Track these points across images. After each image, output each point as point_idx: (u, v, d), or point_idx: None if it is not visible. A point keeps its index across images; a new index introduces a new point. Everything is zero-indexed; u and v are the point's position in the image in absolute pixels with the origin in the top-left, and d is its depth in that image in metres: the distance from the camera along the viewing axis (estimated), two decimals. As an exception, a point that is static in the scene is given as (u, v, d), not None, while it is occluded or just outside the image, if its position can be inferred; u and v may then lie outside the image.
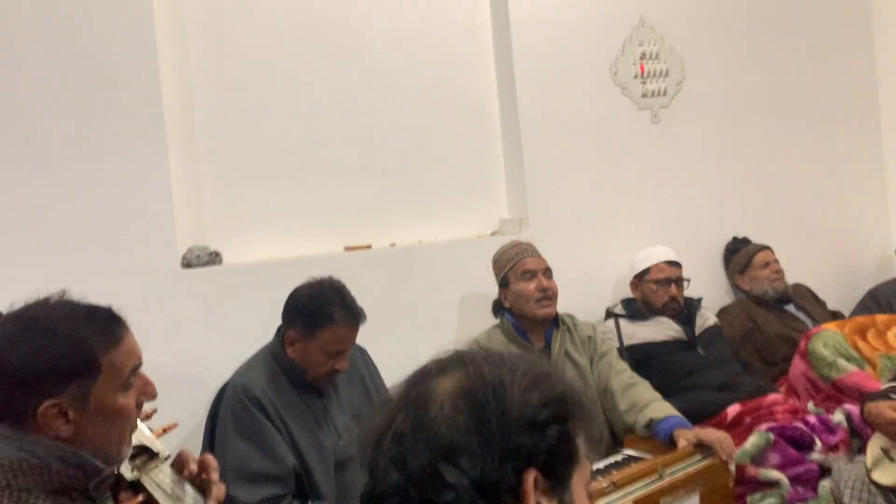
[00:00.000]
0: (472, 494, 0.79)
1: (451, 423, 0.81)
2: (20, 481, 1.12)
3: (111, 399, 1.19)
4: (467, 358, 0.88)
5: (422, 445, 0.81)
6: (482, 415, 0.81)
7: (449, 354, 0.91)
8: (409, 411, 0.84)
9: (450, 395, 0.83)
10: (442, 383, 0.85)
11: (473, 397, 0.83)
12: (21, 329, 1.15)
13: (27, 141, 2.35)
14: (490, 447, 0.80)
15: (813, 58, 3.77)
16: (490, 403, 0.82)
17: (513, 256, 2.62)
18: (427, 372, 0.89)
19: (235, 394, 2.15)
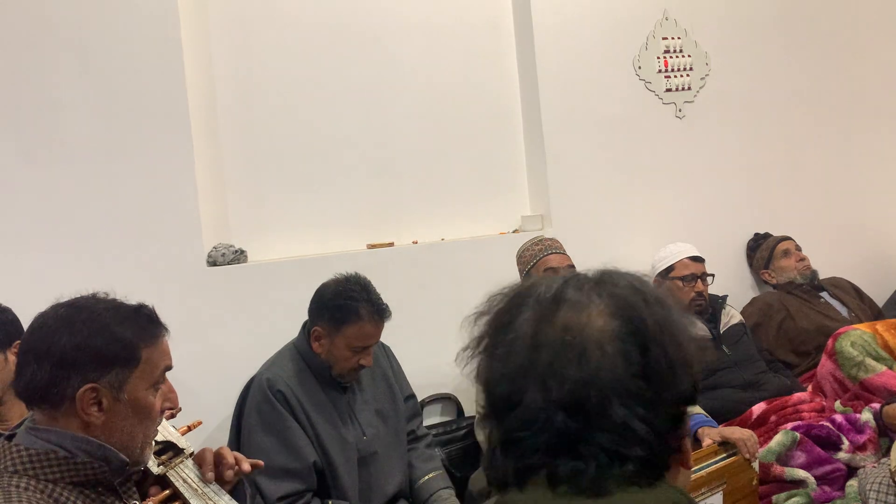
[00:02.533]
0: (655, 443, 0.74)
1: (618, 365, 0.74)
2: (47, 472, 1.16)
3: (143, 394, 1.24)
4: (607, 290, 0.80)
5: (594, 390, 0.74)
6: (649, 357, 0.75)
7: (564, 284, 0.82)
8: (565, 352, 0.75)
9: (610, 336, 0.76)
10: (591, 320, 0.77)
11: (636, 338, 0.76)
12: (70, 315, 1.21)
13: (56, 142, 2.40)
14: (661, 392, 0.75)
15: (837, 51, 3.70)
16: (655, 344, 0.76)
17: (536, 253, 2.61)
18: (545, 304, 0.80)
19: (260, 388, 2.18)
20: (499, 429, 0.78)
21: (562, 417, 0.74)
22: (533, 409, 0.75)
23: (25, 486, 1.14)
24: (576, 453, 0.74)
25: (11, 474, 1.15)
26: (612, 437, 0.74)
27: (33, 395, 1.19)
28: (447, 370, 2.90)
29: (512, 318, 0.81)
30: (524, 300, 0.81)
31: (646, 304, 0.78)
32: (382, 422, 2.32)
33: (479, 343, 0.83)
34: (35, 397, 1.19)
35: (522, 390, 0.76)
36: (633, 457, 0.74)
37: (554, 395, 0.74)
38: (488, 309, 0.85)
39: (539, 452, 0.75)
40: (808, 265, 3.29)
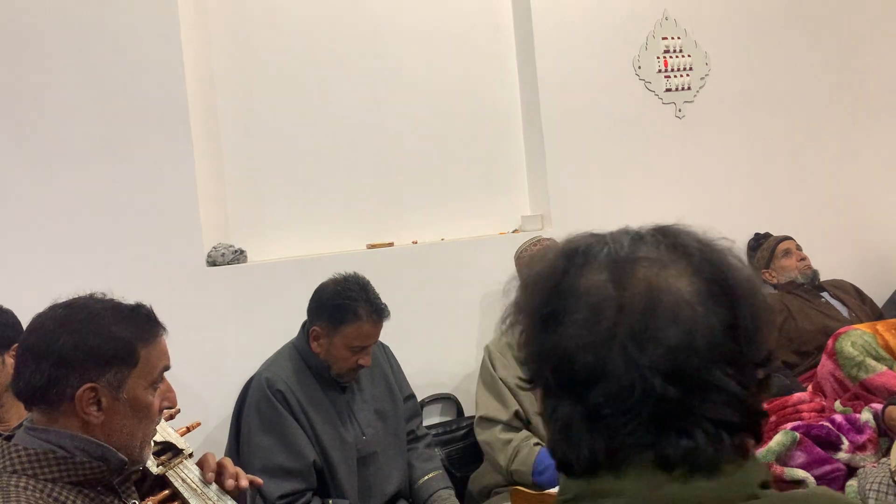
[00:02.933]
0: (752, 409, 0.70)
1: (713, 325, 0.68)
2: (46, 472, 1.16)
3: (142, 393, 1.24)
4: (680, 248, 0.73)
5: (692, 352, 0.68)
6: (737, 318, 0.70)
7: (633, 241, 0.74)
8: (655, 313, 0.68)
9: (698, 296, 0.69)
10: (676, 281, 0.70)
11: (724, 298, 0.70)
12: (68, 315, 1.22)
13: (56, 142, 2.40)
14: (750, 354, 0.70)
15: (838, 51, 3.70)
16: (742, 304, 0.71)
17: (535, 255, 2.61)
18: (620, 264, 0.72)
19: (260, 387, 2.18)
20: (577, 405, 0.70)
21: (661, 385, 0.67)
22: (625, 378, 0.68)
23: (24, 486, 1.14)
24: (680, 427, 0.68)
25: (10, 474, 1.15)
26: (715, 404, 0.68)
27: (32, 396, 1.19)
28: (447, 370, 2.90)
29: (573, 280, 0.72)
30: (584, 259, 0.73)
31: (724, 262, 0.73)
32: (382, 422, 2.32)
33: (527, 311, 0.75)
34: (34, 397, 1.19)
35: (606, 359, 0.68)
36: (737, 425, 0.69)
37: (648, 360, 0.67)
38: (530, 273, 0.77)
39: (640, 428, 0.68)
40: (809, 265, 3.28)
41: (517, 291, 0.78)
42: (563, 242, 0.78)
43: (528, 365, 0.76)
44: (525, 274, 0.78)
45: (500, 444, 2.36)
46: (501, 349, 2.50)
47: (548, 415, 0.74)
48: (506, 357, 2.49)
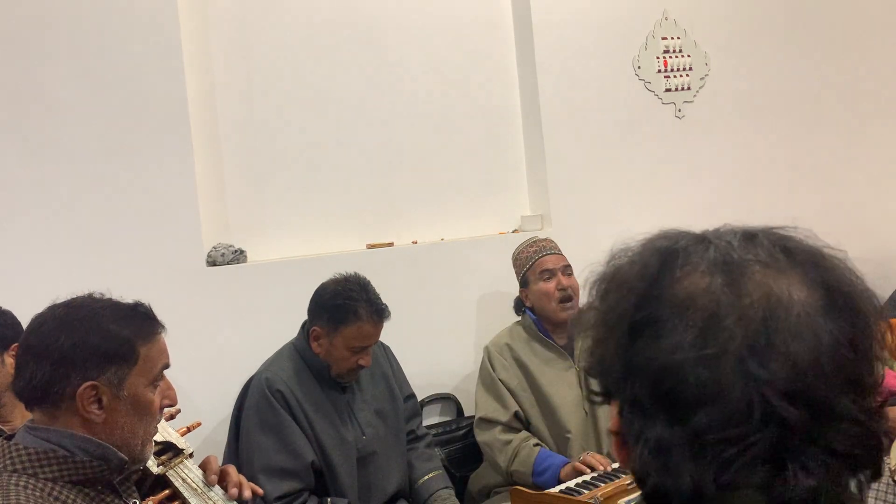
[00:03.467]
0: (874, 440, 0.61)
1: (837, 342, 0.60)
2: (46, 471, 1.16)
3: (143, 391, 1.25)
4: (790, 253, 0.64)
5: (818, 372, 0.58)
6: (857, 335, 0.61)
7: (743, 242, 0.65)
8: (777, 326, 0.59)
9: (819, 309, 0.61)
10: (793, 290, 0.61)
11: (844, 313, 0.61)
12: (68, 315, 1.23)
13: (56, 143, 2.40)
14: (870, 376, 0.62)
15: (837, 50, 3.70)
16: (861, 319, 0.62)
17: (531, 255, 2.59)
18: (730, 267, 0.62)
19: (259, 388, 2.18)
20: (676, 427, 0.60)
21: (785, 407, 0.57)
22: (741, 399, 0.57)
23: (25, 485, 1.14)
24: (801, 462, 0.58)
25: (11, 473, 1.15)
26: (843, 435, 0.59)
27: (33, 395, 1.19)
28: (447, 370, 2.90)
29: (672, 284, 0.63)
30: (684, 260, 0.64)
31: (841, 273, 0.65)
32: (382, 421, 2.32)
33: (609, 317, 0.66)
34: (35, 397, 1.20)
35: (720, 375, 0.58)
36: (861, 459, 0.60)
37: (771, 376, 0.57)
38: (612, 273, 0.69)
39: (755, 461, 0.58)
40: None
41: (594, 293, 0.69)
42: (654, 238, 0.69)
43: (609, 377, 0.67)
44: (603, 273, 0.70)
45: (499, 445, 2.36)
46: (501, 350, 2.50)
47: (633, 434, 0.63)
48: (505, 358, 2.48)
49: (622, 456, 0.67)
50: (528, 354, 2.48)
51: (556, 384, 2.43)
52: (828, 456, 0.59)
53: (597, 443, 2.39)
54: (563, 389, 2.43)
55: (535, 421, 2.42)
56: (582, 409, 2.43)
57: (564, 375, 2.45)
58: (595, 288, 0.70)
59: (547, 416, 2.42)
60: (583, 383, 2.46)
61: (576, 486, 2.02)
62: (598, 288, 0.70)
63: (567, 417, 2.39)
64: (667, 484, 0.61)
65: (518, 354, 2.48)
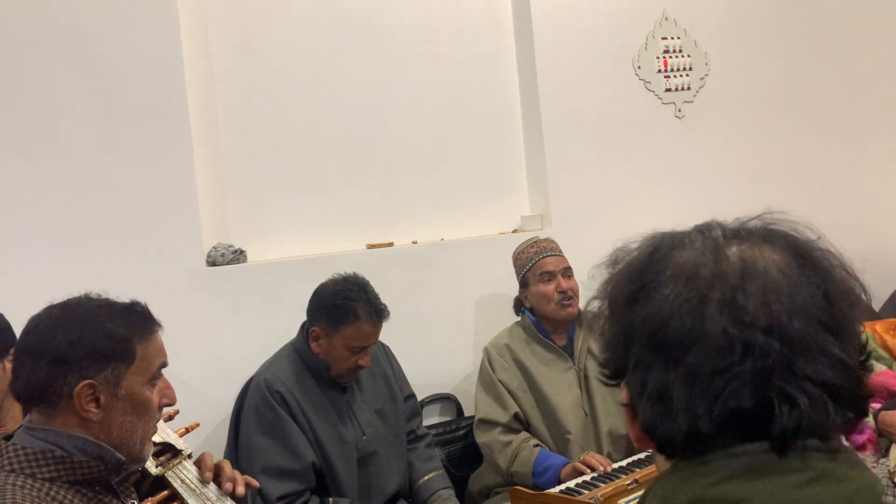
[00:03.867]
0: (857, 383, 0.67)
1: (808, 291, 0.68)
2: (44, 471, 1.16)
3: (140, 390, 1.25)
4: (770, 235, 0.73)
5: (790, 310, 0.66)
6: (832, 293, 0.69)
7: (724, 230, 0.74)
8: (749, 275, 0.68)
9: (791, 266, 0.70)
10: (769, 253, 0.70)
11: (817, 271, 0.70)
12: (64, 314, 1.23)
13: (55, 142, 2.40)
14: (848, 331, 0.69)
15: (837, 50, 3.70)
16: (834, 281, 0.71)
17: (531, 257, 2.57)
18: (712, 242, 0.72)
19: (259, 389, 2.18)
20: (672, 369, 0.67)
21: (763, 339, 0.65)
22: (724, 336, 0.66)
23: (22, 485, 1.14)
24: (783, 391, 0.65)
25: (8, 473, 1.15)
26: (820, 365, 0.66)
27: (31, 395, 1.19)
28: (446, 370, 2.90)
29: (663, 259, 0.72)
30: (672, 244, 0.74)
31: (815, 248, 0.74)
32: (382, 421, 2.32)
33: (611, 296, 0.75)
34: (32, 397, 1.19)
35: (703, 318, 0.67)
36: (842, 391, 0.66)
37: (749, 318, 0.66)
38: (614, 266, 0.77)
39: (742, 390, 0.65)
40: None
41: (600, 292, 0.77)
42: (649, 234, 0.79)
43: (614, 351, 0.74)
44: (607, 274, 0.78)
45: (499, 446, 2.35)
46: (500, 351, 2.49)
47: (637, 392, 0.71)
48: (505, 359, 2.48)
49: (632, 430, 0.74)
50: (528, 355, 2.47)
51: (556, 385, 2.43)
52: (809, 384, 0.65)
53: (597, 443, 2.39)
54: (563, 390, 2.43)
55: (534, 422, 2.41)
56: (582, 409, 2.42)
57: (564, 376, 2.45)
58: (601, 287, 0.78)
59: (547, 417, 2.42)
60: (582, 384, 2.45)
61: (576, 486, 2.02)
62: (602, 286, 0.77)
63: (567, 418, 2.39)
64: (670, 429, 0.68)
65: (518, 355, 2.47)
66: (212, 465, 1.49)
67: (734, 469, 0.65)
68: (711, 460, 0.66)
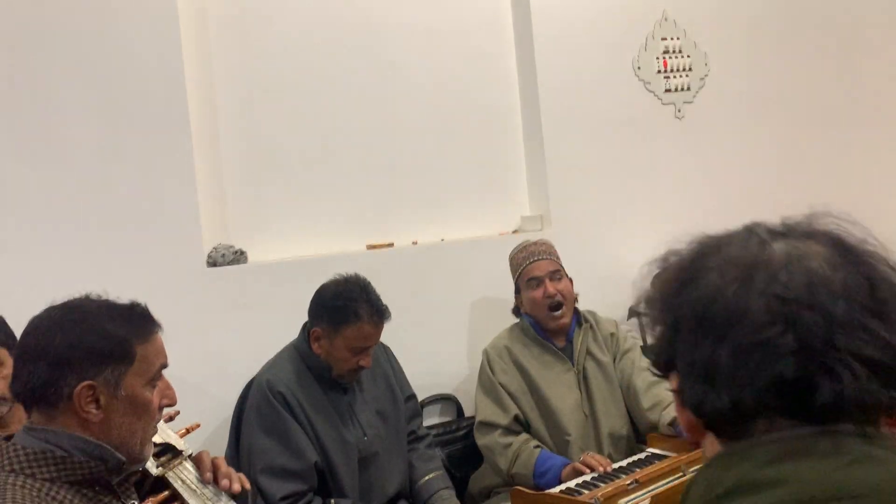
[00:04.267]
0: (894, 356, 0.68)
1: (850, 280, 0.71)
2: (44, 471, 1.16)
3: (140, 390, 1.25)
4: (813, 234, 0.76)
5: (832, 292, 0.69)
6: (876, 283, 0.72)
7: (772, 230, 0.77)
8: (794, 262, 0.72)
9: (834, 257, 0.73)
10: (813, 246, 0.74)
11: (860, 267, 0.73)
12: (64, 316, 1.23)
13: (56, 143, 2.40)
14: (892, 315, 0.70)
15: (836, 50, 3.70)
16: (879, 273, 0.73)
17: (521, 262, 2.54)
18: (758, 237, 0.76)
19: (260, 389, 2.18)
20: (719, 346, 0.71)
21: (806, 314, 0.68)
22: (767, 313, 0.69)
23: (22, 485, 1.14)
24: (825, 364, 0.67)
25: (9, 473, 1.15)
26: (862, 342, 0.67)
27: (31, 397, 1.19)
28: (447, 370, 2.90)
29: (711, 255, 0.77)
30: (718, 243, 0.79)
31: (856, 242, 0.77)
32: (383, 422, 2.32)
33: (661, 290, 0.79)
34: (33, 398, 1.20)
35: (748, 296, 0.70)
36: (887, 369, 0.67)
37: (792, 294, 0.69)
38: (667, 260, 0.82)
39: (786, 362, 0.67)
40: None
41: (652, 283, 0.82)
42: (696, 236, 0.83)
43: (665, 341, 0.78)
44: (659, 269, 0.82)
45: (500, 449, 2.35)
46: (500, 353, 2.49)
47: (686, 373, 0.74)
48: (504, 361, 2.47)
49: (683, 416, 0.78)
50: (528, 357, 2.47)
51: (556, 387, 2.43)
52: (852, 360, 0.66)
53: (597, 445, 2.38)
54: (563, 392, 2.42)
55: (535, 424, 2.41)
56: (581, 411, 2.42)
57: (563, 378, 2.45)
58: (651, 282, 0.82)
59: (547, 419, 2.41)
60: (582, 385, 2.45)
61: (576, 486, 2.02)
62: (653, 281, 0.82)
63: (567, 420, 2.39)
64: (716, 402, 0.71)
65: (517, 357, 2.47)
66: (210, 464, 1.49)
67: (775, 453, 0.67)
68: (754, 445, 0.69)
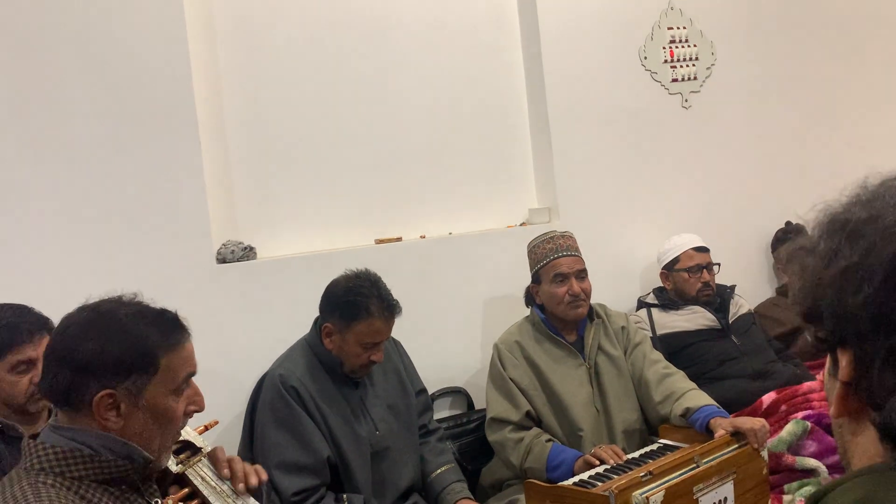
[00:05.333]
0: None
1: None
2: (73, 469, 1.17)
3: (163, 400, 1.25)
4: None
5: None
6: None
7: None
8: None
9: None
10: None
11: None
12: (93, 320, 1.23)
13: (63, 141, 2.39)
14: None
15: (844, 38, 3.69)
16: None
17: (546, 254, 2.52)
18: None
19: (273, 384, 2.19)
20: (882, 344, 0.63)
21: None
22: None
23: (52, 483, 1.15)
24: None
25: (38, 472, 1.16)
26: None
27: (56, 397, 1.20)
28: (456, 364, 2.90)
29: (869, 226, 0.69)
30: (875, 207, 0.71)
31: None
32: (394, 416, 2.32)
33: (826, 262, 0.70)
34: (58, 400, 1.20)
35: None
36: None
37: None
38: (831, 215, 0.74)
39: None
40: None
41: (829, 238, 0.73)
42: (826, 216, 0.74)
43: (837, 310, 0.69)
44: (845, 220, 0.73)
45: (511, 444, 2.34)
46: (511, 348, 2.48)
47: (874, 356, 0.65)
48: (515, 356, 2.46)
49: (840, 403, 0.69)
50: (539, 352, 2.46)
51: (567, 382, 2.42)
52: None
53: (609, 440, 2.38)
54: (574, 387, 2.42)
55: (546, 419, 2.41)
56: (593, 406, 2.42)
57: (575, 373, 2.45)
58: (820, 226, 0.72)
59: (559, 415, 2.41)
60: (593, 381, 2.45)
61: (589, 478, 2.03)
62: (834, 234, 0.71)
63: (579, 415, 2.38)
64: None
65: (528, 352, 2.46)
66: (225, 460, 1.49)
67: None
68: None
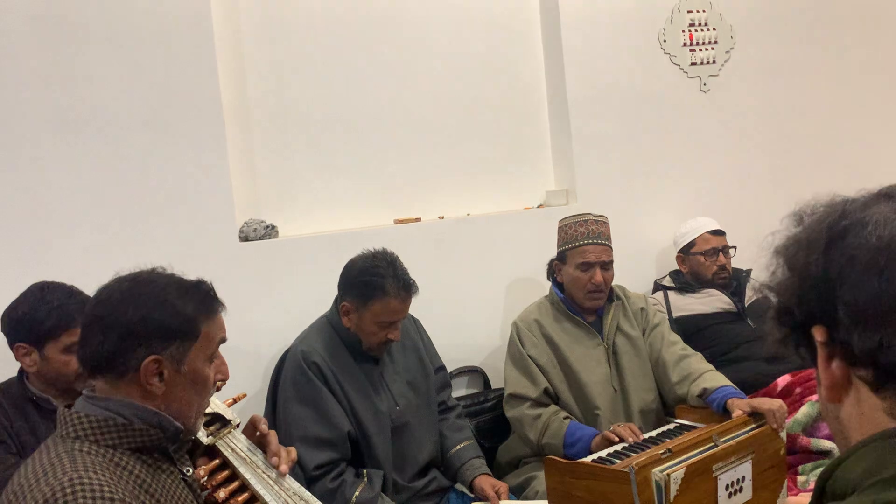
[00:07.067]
0: None
1: None
2: (107, 438, 1.20)
3: (201, 366, 1.29)
4: None
5: None
6: None
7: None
8: None
9: None
10: None
11: None
12: (134, 288, 1.26)
13: (89, 121, 2.42)
14: None
15: (864, 22, 3.66)
16: None
17: (577, 237, 2.50)
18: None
19: (295, 360, 2.22)
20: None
21: None
22: None
23: (87, 451, 1.18)
24: None
25: (73, 439, 1.20)
26: None
27: (98, 365, 1.23)
28: (473, 343, 2.94)
29: (856, 210, 0.75)
30: (861, 201, 0.77)
31: None
32: (414, 393, 2.36)
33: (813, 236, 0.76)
34: (101, 366, 1.23)
35: None
36: None
37: None
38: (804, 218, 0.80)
39: None
40: None
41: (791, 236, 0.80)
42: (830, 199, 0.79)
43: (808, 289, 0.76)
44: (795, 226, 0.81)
45: (529, 420, 2.38)
46: (530, 326, 2.50)
47: (853, 317, 0.71)
48: (534, 334, 2.49)
49: (826, 374, 0.75)
50: (557, 331, 2.49)
51: (585, 361, 2.45)
52: None
53: (626, 419, 2.40)
54: (592, 366, 2.45)
55: (564, 397, 2.44)
56: (611, 386, 2.45)
57: (593, 353, 2.47)
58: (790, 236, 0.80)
59: (576, 393, 2.44)
60: (611, 360, 2.47)
61: (608, 455, 2.06)
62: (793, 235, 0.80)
63: (596, 394, 2.41)
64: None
65: (547, 331, 2.49)
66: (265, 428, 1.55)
67: None
68: None
